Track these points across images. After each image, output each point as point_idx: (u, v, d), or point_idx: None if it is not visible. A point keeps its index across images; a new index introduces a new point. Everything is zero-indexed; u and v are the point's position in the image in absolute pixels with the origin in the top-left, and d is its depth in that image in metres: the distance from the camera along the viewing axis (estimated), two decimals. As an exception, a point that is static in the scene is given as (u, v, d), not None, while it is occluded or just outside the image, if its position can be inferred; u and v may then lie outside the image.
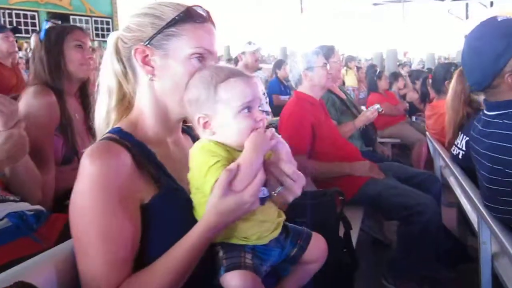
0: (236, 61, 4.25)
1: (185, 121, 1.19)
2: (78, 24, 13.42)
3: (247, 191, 0.93)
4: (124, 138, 1.03)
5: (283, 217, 1.11)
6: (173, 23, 1.03)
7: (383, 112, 3.37)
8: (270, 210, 1.07)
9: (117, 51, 1.10)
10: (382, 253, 3.19)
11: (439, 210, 2.64)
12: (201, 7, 1.08)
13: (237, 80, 1.00)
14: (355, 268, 1.46)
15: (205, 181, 0.95)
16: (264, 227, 1.04)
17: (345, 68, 7.58)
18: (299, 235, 1.14)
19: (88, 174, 0.94)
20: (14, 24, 10.71)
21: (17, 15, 11.77)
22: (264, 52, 12.63)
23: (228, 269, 0.99)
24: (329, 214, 1.43)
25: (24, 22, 11.88)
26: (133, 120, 1.10)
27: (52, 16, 13.11)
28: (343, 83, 7.06)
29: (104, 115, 1.12)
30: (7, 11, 11.47)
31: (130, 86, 1.11)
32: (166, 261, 0.95)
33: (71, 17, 13.39)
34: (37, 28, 11.19)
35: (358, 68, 7.91)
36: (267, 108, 4.12)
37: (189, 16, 1.04)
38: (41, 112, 1.94)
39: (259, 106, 1.04)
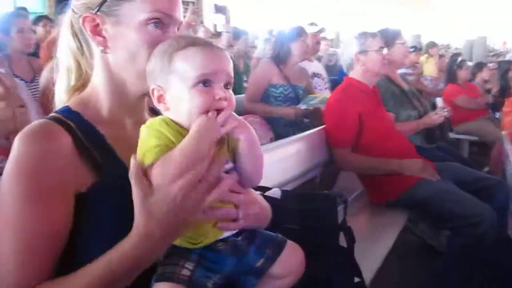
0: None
1: None
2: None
3: (176, 184, 0.77)
4: (69, 118, 0.91)
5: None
6: None
7: (447, 115, 3.00)
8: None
9: (72, 25, 0.97)
10: (433, 262, 2.85)
11: (498, 223, 2.26)
12: None
13: (198, 49, 0.85)
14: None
15: (143, 162, 0.81)
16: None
17: (425, 55, 6.98)
18: (268, 242, 0.94)
19: (15, 156, 0.83)
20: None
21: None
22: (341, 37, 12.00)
23: (157, 279, 0.83)
24: (326, 222, 1.20)
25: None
26: (84, 97, 0.97)
27: None
28: (421, 72, 6.52)
29: (62, 97, 1.00)
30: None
31: (86, 62, 0.99)
32: (93, 269, 0.80)
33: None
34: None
35: (441, 56, 7.25)
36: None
37: None
38: None
39: (227, 85, 0.87)
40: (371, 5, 15.58)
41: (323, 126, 2.67)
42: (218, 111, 0.83)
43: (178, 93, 0.84)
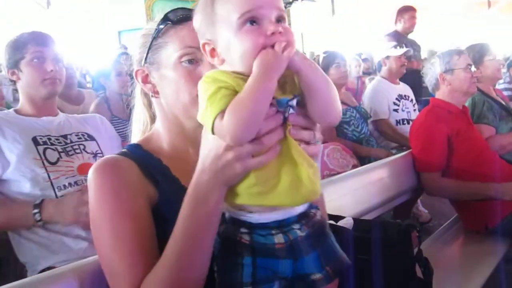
0: (379, 66, 3.94)
1: None
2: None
3: (230, 153, 0.76)
4: (131, 150, 1.06)
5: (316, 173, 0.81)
6: (156, 34, 1.03)
7: None
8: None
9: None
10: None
11: None
12: (185, 8, 1.03)
13: None
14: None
15: (206, 116, 0.76)
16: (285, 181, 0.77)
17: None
18: (332, 257, 0.87)
19: (96, 186, 0.97)
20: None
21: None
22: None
23: None
24: (398, 253, 1.15)
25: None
26: (148, 136, 1.12)
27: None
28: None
29: (135, 139, 1.15)
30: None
31: (148, 113, 1.15)
32: (169, 244, 0.87)
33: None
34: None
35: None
36: None
37: (168, 21, 1.01)
38: None
39: (279, 21, 0.78)
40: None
41: (409, 151, 2.56)
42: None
43: (227, 41, 0.79)
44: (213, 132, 0.76)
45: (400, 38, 4.20)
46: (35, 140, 1.71)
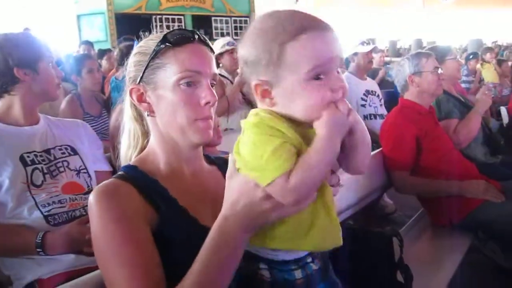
0: (347, 62, 4.04)
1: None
2: (218, 25, 14.32)
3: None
4: (129, 172, 1.06)
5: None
6: (154, 55, 1.04)
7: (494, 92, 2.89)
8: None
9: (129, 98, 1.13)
10: (505, 285, 2.72)
11: None
12: (183, 29, 1.06)
13: (309, 36, 0.76)
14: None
15: (265, 169, 0.74)
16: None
17: (480, 62, 6.68)
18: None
19: (97, 211, 0.98)
20: (165, 28, 11.76)
21: (167, 20, 12.87)
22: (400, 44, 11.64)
23: None
24: (382, 261, 1.23)
25: (172, 25, 12.91)
26: (144, 155, 1.12)
27: (196, 18, 14.11)
28: (480, 80, 6.26)
29: (124, 153, 1.17)
30: (158, 16, 12.61)
31: (140, 128, 1.15)
32: (186, 283, 0.87)
33: (212, 18, 14.24)
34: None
35: (501, 62, 6.89)
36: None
37: (167, 43, 1.03)
38: None
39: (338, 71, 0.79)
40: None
41: (380, 149, 2.67)
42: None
43: (291, 88, 0.77)
44: (265, 185, 0.75)
45: None
46: (22, 160, 1.65)
